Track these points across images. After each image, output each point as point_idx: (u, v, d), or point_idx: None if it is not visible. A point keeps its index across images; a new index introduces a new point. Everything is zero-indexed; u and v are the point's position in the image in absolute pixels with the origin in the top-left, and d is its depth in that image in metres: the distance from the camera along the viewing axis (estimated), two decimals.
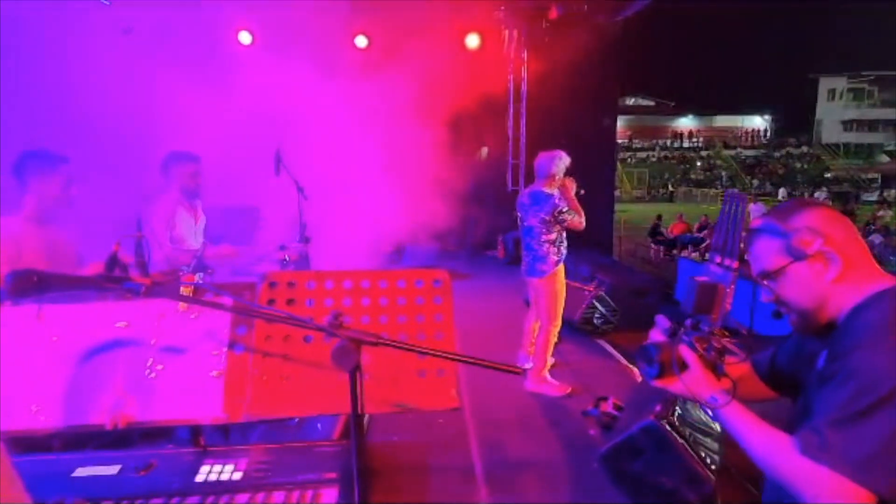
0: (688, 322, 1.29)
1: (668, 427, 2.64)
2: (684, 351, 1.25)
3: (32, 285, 1.09)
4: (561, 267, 4.13)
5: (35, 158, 2.34)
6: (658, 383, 1.28)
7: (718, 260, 5.46)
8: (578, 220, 4.01)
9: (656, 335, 1.33)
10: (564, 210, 3.96)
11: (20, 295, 1.12)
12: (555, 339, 4.25)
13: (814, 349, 1.27)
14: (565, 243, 4.15)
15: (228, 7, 7.06)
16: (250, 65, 6.85)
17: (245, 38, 7.47)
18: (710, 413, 1.17)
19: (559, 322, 4.20)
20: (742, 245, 5.36)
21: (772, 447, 1.13)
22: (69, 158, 2.40)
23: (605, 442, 2.94)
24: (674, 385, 1.27)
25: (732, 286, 4.93)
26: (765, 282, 1.24)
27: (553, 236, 4.05)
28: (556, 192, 4.03)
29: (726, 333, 1.30)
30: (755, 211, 12.66)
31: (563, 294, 4.17)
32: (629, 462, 2.73)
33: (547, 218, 3.99)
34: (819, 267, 1.16)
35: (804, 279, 1.17)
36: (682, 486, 2.64)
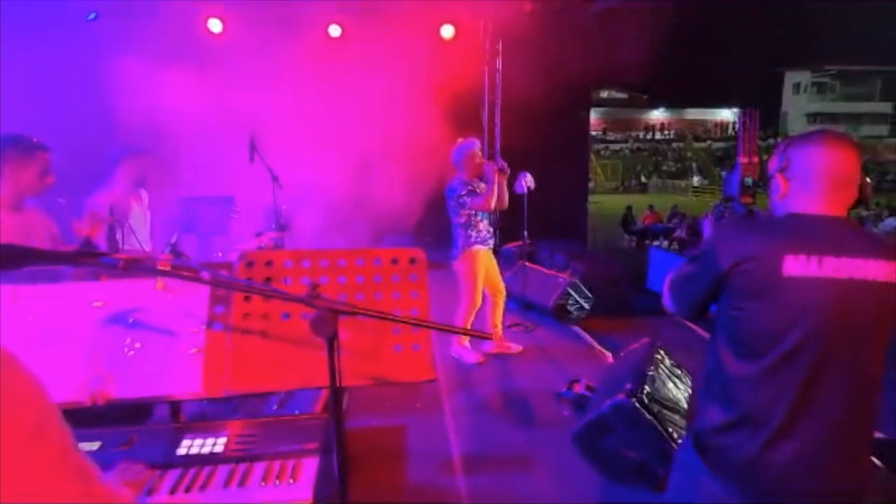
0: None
1: (637, 404, 2.74)
2: None
3: (8, 260, 1.09)
4: (475, 250, 4.20)
5: (12, 145, 2.26)
6: None
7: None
8: (480, 202, 4.08)
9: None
10: (463, 194, 4.09)
11: None
12: (471, 319, 4.29)
13: None
14: (481, 227, 4.23)
15: None
16: (221, 53, 6.74)
17: (215, 25, 7.33)
18: None
19: (477, 304, 4.30)
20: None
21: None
22: (48, 147, 2.33)
23: (578, 421, 3.03)
24: None
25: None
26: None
27: (461, 220, 4.19)
28: (466, 179, 4.16)
29: None
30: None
31: (479, 277, 4.25)
32: (601, 439, 2.83)
33: (451, 203, 4.19)
34: (778, 185, 1.55)
35: (771, 190, 1.61)
36: (651, 461, 2.74)
